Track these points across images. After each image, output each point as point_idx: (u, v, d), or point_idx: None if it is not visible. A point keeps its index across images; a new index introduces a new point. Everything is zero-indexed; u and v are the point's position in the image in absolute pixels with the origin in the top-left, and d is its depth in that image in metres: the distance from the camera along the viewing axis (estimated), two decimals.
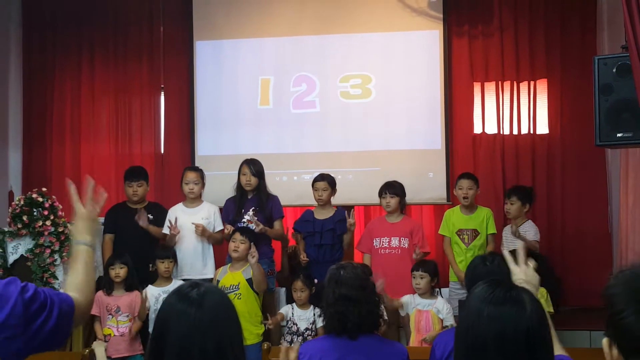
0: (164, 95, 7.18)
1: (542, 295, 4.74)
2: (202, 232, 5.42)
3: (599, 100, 4.28)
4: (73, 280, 2.06)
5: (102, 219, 5.71)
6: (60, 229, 4.93)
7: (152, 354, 1.76)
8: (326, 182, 5.65)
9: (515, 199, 5.62)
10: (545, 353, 1.73)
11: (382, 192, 5.58)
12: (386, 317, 4.82)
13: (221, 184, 6.04)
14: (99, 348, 3.28)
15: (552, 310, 4.74)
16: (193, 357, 1.71)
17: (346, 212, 5.65)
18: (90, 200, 2.26)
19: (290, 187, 6.55)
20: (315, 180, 5.70)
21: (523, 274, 2.23)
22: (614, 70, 4.24)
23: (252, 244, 5.05)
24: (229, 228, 5.40)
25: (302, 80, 6.77)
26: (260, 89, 6.82)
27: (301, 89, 6.77)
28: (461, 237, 5.60)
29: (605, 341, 1.57)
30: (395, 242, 5.50)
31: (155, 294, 5.11)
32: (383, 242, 5.53)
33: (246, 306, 5.03)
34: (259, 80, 6.82)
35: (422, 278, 4.95)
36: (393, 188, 5.57)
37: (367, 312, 3.00)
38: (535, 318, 1.71)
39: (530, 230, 5.54)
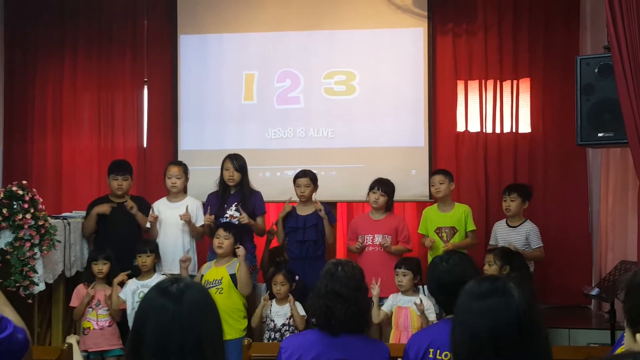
0: (147, 90, 7.11)
1: None
2: (185, 217, 5.46)
3: (580, 100, 4.33)
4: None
5: (82, 213, 5.69)
6: (41, 222, 4.87)
7: (130, 348, 1.77)
8: (308, 178, 5.65)
9: (516, 195, 5.62)
10: (538, 337, 1.77)
11: (373, 187, 5.59)
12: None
13: (204, 179, 6.01)
14: (72, 341, 3.26)
15: None
16: (170, 352, 1.71)
17: (330, 208, 5.67)
18: None
19: (274, 183, 6.54)
20: (297, 176, 5.70)
21: None
22: (596, 70, 4.29)
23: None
24: (210, 218, 5.40)
25: (286, 76, 6.74)
26: (245, 84, 6.78)
27: (285, 85, 6.75)
28: (440, 234, 5.64)
29: (628, 333, 1.55)
30: (378, 239, 5.52)
31: (133, 287, 5.11)
32: (367, 239, 5.55)
33: (228, 301, 5.03)
34: (243, 75, 6.79)
35: (404, 275, 4.97)
36: (386, 186, 5.59)
37: (353, 314, 2.99)
38: (524, 303, 1.75)
39: (535, 236, 5.55)
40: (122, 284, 5.13)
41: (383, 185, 5.58)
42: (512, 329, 1.73)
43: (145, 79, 7.12)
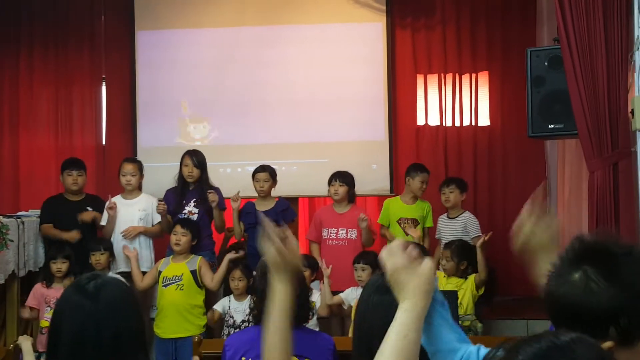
0: (106, 86, 7.06)
1: (470, 280, 4.85)
2: (132, 233, 5.41)
3: (531, 92, 4.37)
4: None
5: (37, 212, 5.61)
6: None
7: (48, 347, 1.74)
8: (267, 173, 5.63)
9: (454, 186, 5.67)
10: None
11: (331, 180, 5.59)
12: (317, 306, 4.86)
13: (163, 175, 5.97)
14: (25, 343, 3.20)
15: (476, 293, 4.84)
16: (86, 350, 1.69)
17: (289, 203, 5.67)
18: None
19: (235, 179, 6.50)
20: (256, 171, 5.67)
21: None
22: (546, 62, 4.33)
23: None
24: (162, 204, 5.41)
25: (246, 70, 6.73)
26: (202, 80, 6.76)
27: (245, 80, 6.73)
28: (402, 225, 5.65)
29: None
30: (342, 233, 5.52)
31: None
32: (331, 232, 5.54)
33: (188, 298, 5.01)
34: (200, 70, 6.75)
35: (363, 270, 4.97)
36: (343, 177, 5.58)
37: (299, 307, 2.98)
38: None
39: (473, 225, 5.58)
40: None
41: (340, 177, 5.58)
42: None
43: (104, 76, 7.06)
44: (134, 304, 1.82)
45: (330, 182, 5.60)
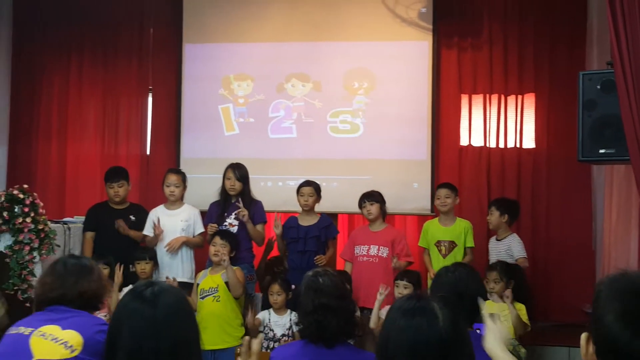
0: (152, 97, 7.17)
1: (520, 309, 4.73)
2: (176, 245, 5.45)
3: (582, 116, 4.29)
4: None
5: (82, 218, 5.70)
6: (41, 227, 4.90)
7: (106, 353, 1.75)
8: (312, 188, 5.65)
9: (494, 209, 5.64)
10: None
11: (361, 202, 5.59)
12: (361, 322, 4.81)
13: (205, 187, 6.01)
14: None
15: (528, 324, 4.72)
16: (144, 356, 1.69)
17: (331, 220, 5.67)
18: None
19: (275, 193, 6.53)
20: (301, 185, 5.69)
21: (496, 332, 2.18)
22: (599, 86, 4.26)
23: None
24: (214, 227, 5.39)
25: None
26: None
27: (288, 96, 6.79)
28: (439, 248, 5.61)
29: (584, 336, 1.56)
30: (374, 250, 5.49)
31: None
32: (362, 249, 5.53)
33: (225, 309, 5.01)
34: (244, 84, 6.83)
35: (405, 288, 4.93)
36: (371, 196, 5.58)
37: (345, 322, 2.97)
38: (449, 326, 1.74)
39: (516, 246, 5.53)
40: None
41: (369, 197, 5.58)
42: (432, 351, 1.73)
43: (150, 87, 7.17)
44: (190, 311, 1.83)
45: (360, 205, 5.60)
